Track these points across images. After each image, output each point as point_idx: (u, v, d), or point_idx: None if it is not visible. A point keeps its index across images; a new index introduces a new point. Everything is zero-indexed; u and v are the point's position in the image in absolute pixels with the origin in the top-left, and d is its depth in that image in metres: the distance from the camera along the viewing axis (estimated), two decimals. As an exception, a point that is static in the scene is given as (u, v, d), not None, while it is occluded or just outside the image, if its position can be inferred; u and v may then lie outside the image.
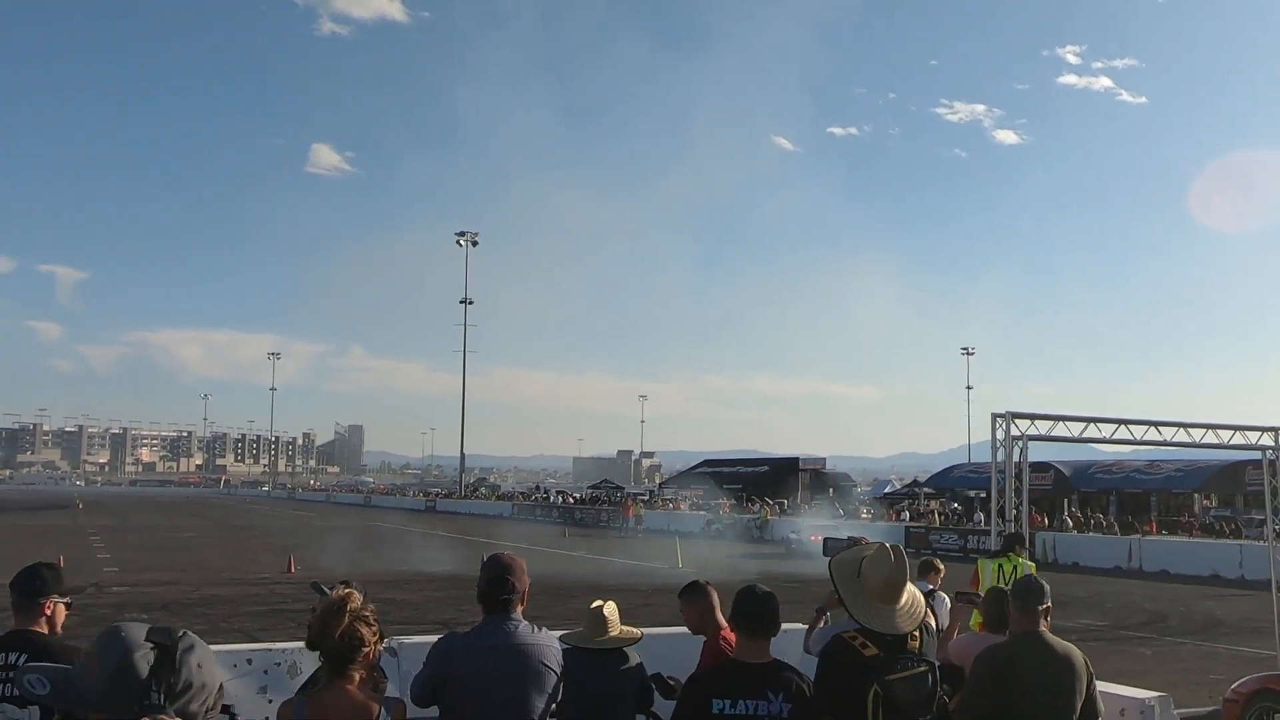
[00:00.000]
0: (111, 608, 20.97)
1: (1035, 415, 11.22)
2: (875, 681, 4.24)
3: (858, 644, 4.36)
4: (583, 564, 33.53)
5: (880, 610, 4.42)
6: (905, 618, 4.42)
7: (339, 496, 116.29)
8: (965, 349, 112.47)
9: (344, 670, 3.82)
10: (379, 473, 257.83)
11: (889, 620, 4.39)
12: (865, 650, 4.33)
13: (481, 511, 79.86)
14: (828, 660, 4.44)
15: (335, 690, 3.81)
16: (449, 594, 24.93)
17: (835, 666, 4.38)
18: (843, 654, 4.38)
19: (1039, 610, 4.97)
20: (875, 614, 4.42)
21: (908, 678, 4.31)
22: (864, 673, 4.27)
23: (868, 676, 4.26)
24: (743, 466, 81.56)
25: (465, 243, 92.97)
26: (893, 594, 4.44)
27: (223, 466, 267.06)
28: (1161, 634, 19.75)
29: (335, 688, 3.82)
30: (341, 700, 3.79)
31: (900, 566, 4.50)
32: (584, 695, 5.28)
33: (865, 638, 4.37)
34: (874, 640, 4.35)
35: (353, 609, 3.87)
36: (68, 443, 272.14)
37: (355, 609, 3.88)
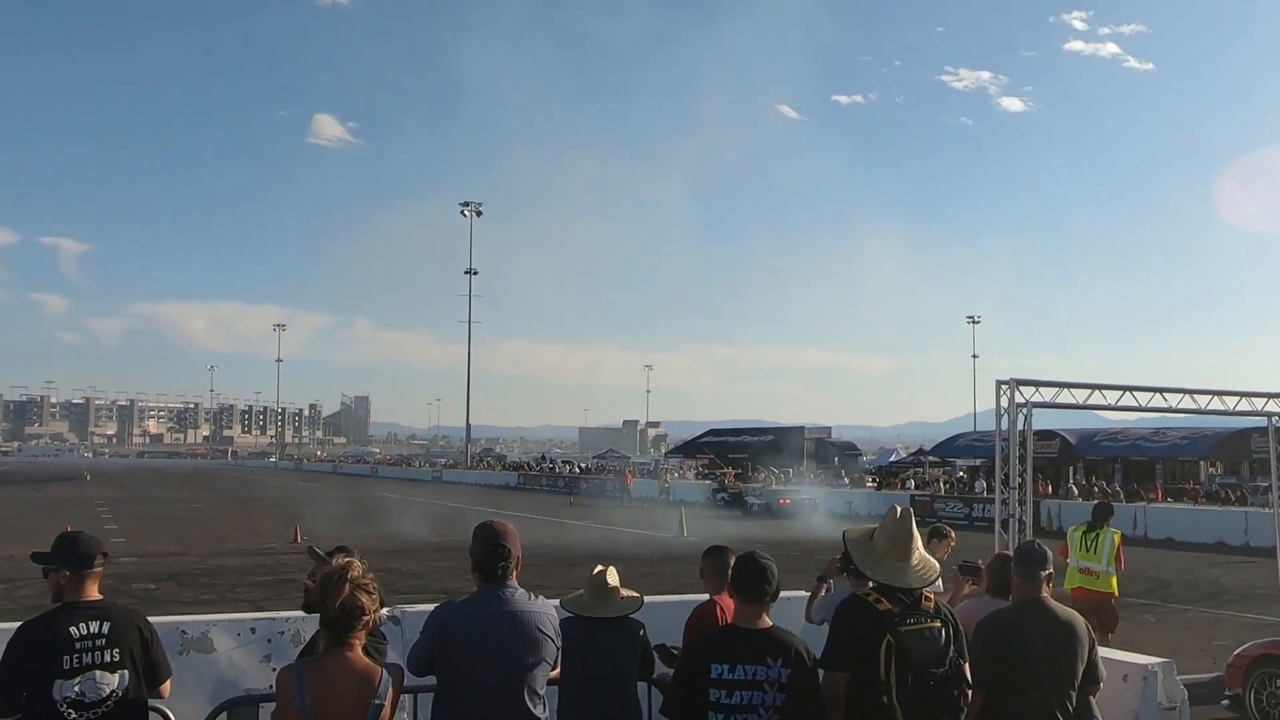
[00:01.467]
0: (119, 578, 21.05)
1: (1040, 382, 11.15)
2: (888, 631, 4.30)
3: (872, 599, 4.44)
4: (587, 533, 33.61)
5: (892, 566, 4.50)
6: (916, 575, 4.49)
7: (345, 467, 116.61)
8: (971, 317, 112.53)
9: (344, 638, 3.83)
10: (385, 443, 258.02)
11: (901, 575, 4.47)
12: (879, 605, 4.40)
13: (488, 481, 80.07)
14: (843, 614, 4.50)
15: (336, 657, 3.82)
16: (455, 564, 24.98)
17: (850, 619, 4.44)
18: (858, 608, 4.45)
19: (1041, 576, 4.97)
20: (887, 569, 4.50)
21: (920, 630, 4.37)
22: (877, 624, 4.33)
23: (880, 627, 4.32)
24: (748, 436, 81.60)
25: (470, 213, 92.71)
26: (901, 550, 4.52)
27: (230, 438, 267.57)
28: (1166, 601, 19.75)
29: (335, 655, 3.82)
30: (343, 666, 3.80)
31: (906, 524, 4.58)
32: (586, 663, 5.27)
33: (879, 594, 4.45)
34: (889, 597, 4.42)
35: (353, 577, 3.87)
36: (75, 415, 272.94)
37: (355, 577, 3.87)
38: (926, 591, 4.52)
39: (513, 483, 77.04)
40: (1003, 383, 11.03)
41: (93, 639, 4.42)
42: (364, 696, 3.77)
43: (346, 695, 3.76)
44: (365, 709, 3.75)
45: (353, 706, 3.76)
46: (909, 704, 4.27)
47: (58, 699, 4.35)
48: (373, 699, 3.77)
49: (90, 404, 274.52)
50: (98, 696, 4.40)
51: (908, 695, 4.27)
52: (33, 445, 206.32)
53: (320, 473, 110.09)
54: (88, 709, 4.39)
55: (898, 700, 4.26)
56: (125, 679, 4.48)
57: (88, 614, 4.48)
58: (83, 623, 4.44)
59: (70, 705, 4.36)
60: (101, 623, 4.46)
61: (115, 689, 4.46)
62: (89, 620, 4.46)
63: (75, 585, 4.55)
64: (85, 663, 4.41)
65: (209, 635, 7.73)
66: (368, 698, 3.77)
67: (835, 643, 4.44)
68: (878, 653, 4.28)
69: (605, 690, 5.28)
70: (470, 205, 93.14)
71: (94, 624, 4.45)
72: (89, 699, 4.38)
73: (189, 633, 7.73)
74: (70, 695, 4.35)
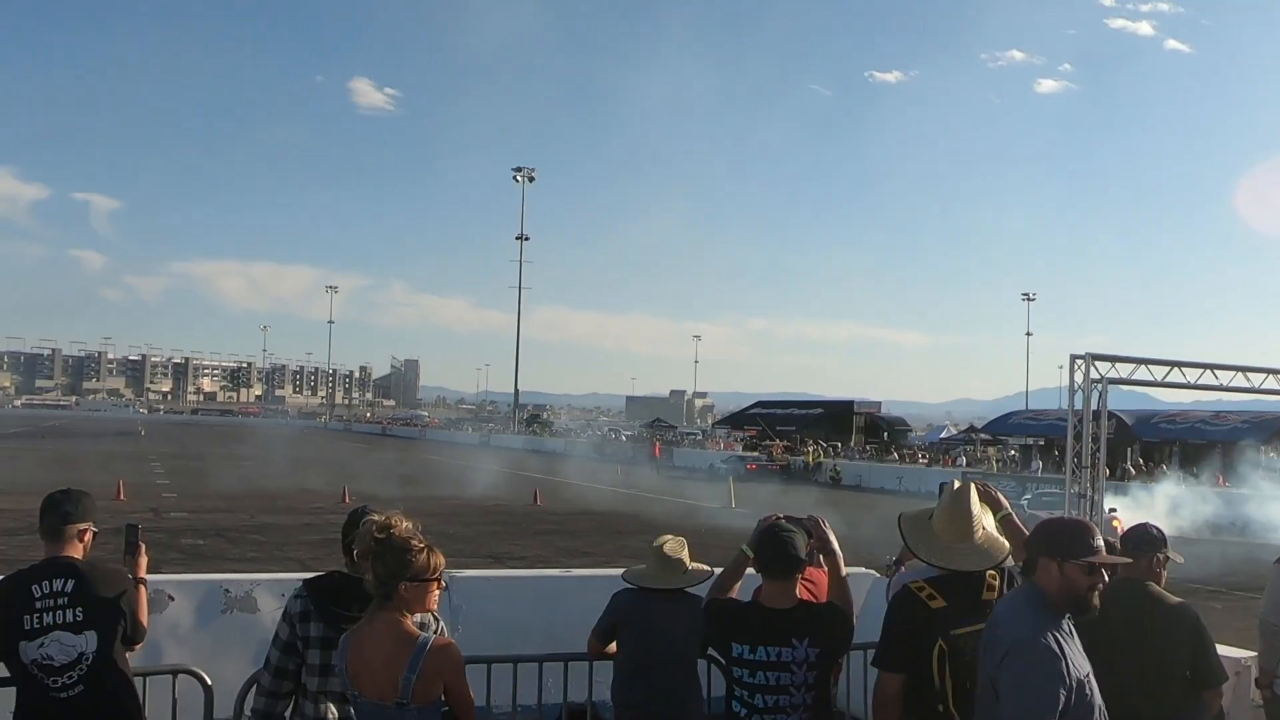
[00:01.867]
0: (168, 533, 21.19)
1: (1116, 358, 10.66)
2: (940, 636, 3.81)
3: (924, 595, 3.92)
4: (635, 502, 33.45)
5: (950, 549, 3.99)
6: (979, 556, 3.96)
7: (394, 430, 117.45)
8: (1026, 294, 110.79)
9: (385, 601, 3.51)
10: (434, 407, 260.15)
11: (960, 558, 3.96)
12: (932, 602, 3.89)
13: (535, 447, 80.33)
14: (892, 613, 4.02)
15: (375, 622, 3.52)
16: (503, 527, 24.98)
17: (899, 620, 3.95)
18: (908, 606, 3.95)
19: (1150, 560, 4.53)
20: (943, 552, 3.99)
21: (977, 632, 3.78)
22: (928, 626, 3.84)
23: (932, 631, 3.83)
24: (796, 409, 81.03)
25: (522, 178, 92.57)
26: (960, 530, 4.00)
27: (281, 397, 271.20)
28: (1231, 588, 19.21)
29: (375, 619, 3.52)
30: (379, 632, 3.48)
31: (963, 500, 4.06)
32: (648, 637, 5.01)
33: (933, 588, 3.93)
34: (943, 590, 3.91)
35: (398, 533, 3.56)
36: (132, 371, 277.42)
37: (399, 534, 3.56)
38: (990, 577, 3.97)
39: (560, 449, 77.18)
40: (1077, 358, 10.53)
41: (54, 597, 4.11)
42: (394, 667, 3.41)
43: (378, 664, 3.44)
44: (395, 681, 3.40)
45: (383, 676, 3.42)
46: (970, 711, 3.75)
47: (26, 662, 4.07)
48: (402, 671, 3.40)
49: (146, 361, 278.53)
50: (67, 659, 4.08)
51: (968, 702, 3.76)
52: (90, 400, 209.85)
53: (369, 434, 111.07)
54: (59, 672, 4.08)
55: (955, 708, 3.78)
56: (93, 640, 4.13)
57: (54, 571, 4.17)
58: (46, 580, 4.14)
59: (40, 669, 4.07)
60: (66, 580, 4.14)
61: (86, 651, 4.12)
62: (54, 577, 4.15)
63: (49, 544, 4.26)
64: (46, 623, 4.08)
65: (253, 595, 7.56)
66: (397, 670, 3.40)
67: (886, 642, 3.97)
68: (929, 657, 3.81)
69: (663, 666, 5.00)
70: (522, 171, 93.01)
71: (58, 581, 4.14)
72: (57, 662, 4.07)
73: (233, 591, 7.57)
74: (36, 658, 4.06)
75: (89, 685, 4.10)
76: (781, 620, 4.10)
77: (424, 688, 3.41)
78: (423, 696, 3.42)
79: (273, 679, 4.00)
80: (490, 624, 7.50)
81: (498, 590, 8.50)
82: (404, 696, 3.39)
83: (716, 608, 4.39)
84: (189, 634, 7.23)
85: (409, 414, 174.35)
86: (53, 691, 4.05)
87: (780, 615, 4.12)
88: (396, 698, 3.40)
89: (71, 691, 4.07)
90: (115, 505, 23.63)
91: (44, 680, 4.05)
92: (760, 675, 4.06)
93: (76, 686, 4.08)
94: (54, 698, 4.06)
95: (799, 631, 4.08)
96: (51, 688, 4.05)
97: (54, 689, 4.05)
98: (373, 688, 3.45)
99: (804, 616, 4.15)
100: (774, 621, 4.10)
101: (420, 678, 3.39)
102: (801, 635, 4.07)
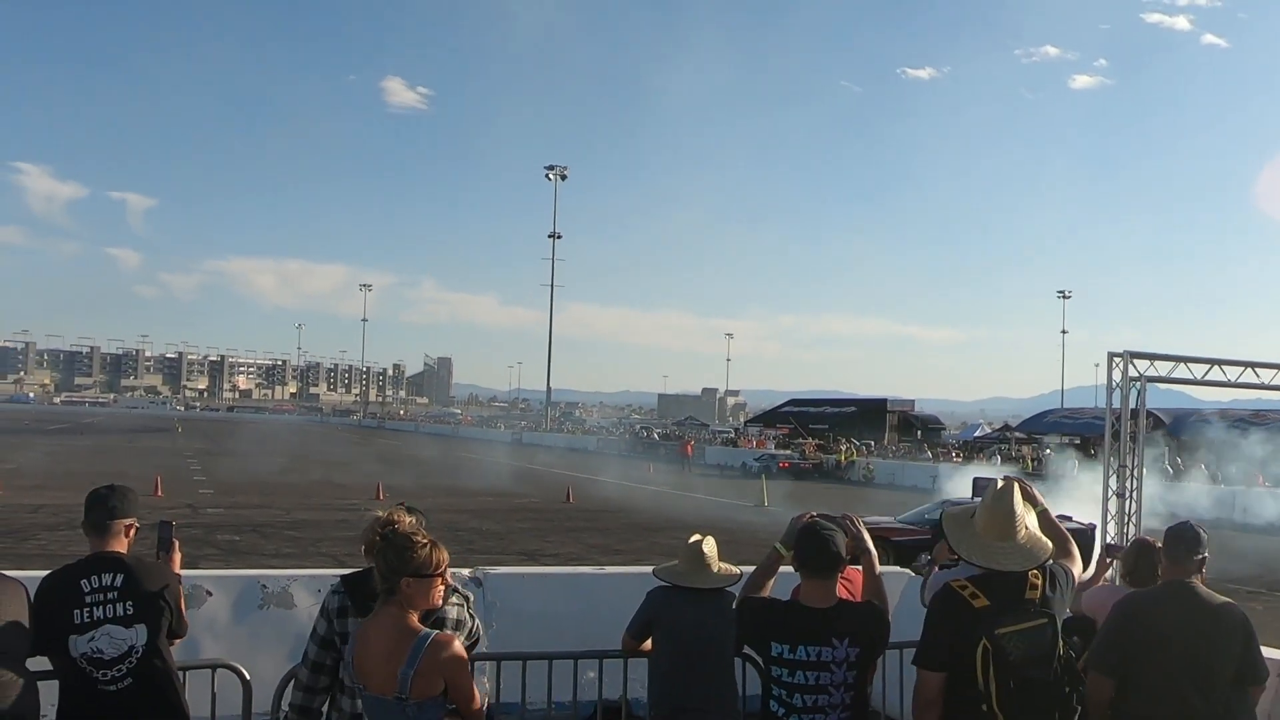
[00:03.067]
0: (205, 528, 21.39)
1: (1156, 355, 10.51)
2: (984, 635, 3.76)
3: (967, 594, 3.87)
4: (667, 500, 33.42)
5: (991, 547, 3.94)
6: (1021, 556, 3.92)
7: (427, 427, 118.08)
8: (1062, 292, 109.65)
9: (388, 596, 3.56)
10: (467, 405, 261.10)
11: (1001, 557, 3.91)
12: (975, 601, 3.84)
13: (567, 445, 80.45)
14: (933, 612, 3.98)
15: (379, 616, 3.57)
16: (534, 524, 25.02)
17: (941, 618, 3.91)
18: (950, 604, 3.90)
19: (1194, 560, 4.46)
20: (985, 551, 3.94)
21: (1021, 631, 3.79)
22: (972, 625, 3.79)
23: (976, 630, 3.78)
24: (829, 407, 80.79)
25: (555, 176, 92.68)
26: (1002, 529, 3.95)
27: (315, 395, 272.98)
28: (1271, 589, 18.97)
29: (380, 613, 3.58)
30: (382, 626, 3.53)
31: (1006, 499, 4.00)
32: (685, 635, 4.99)
33: (976, 586, 3.89)
34: (985, 589, 3.87)
35: (394, 529, 3.62)
36: (169, 369, 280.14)
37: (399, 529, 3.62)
38: (1033, 576, 3.93)
39: (591, 446, 77.26)
40: (1115, 355, 10.41)
41: (104, 591, 4.14)
42: (394, 662, 3.44)
43: (380, 658, 3.48)
44: (395, 675, 3.43)
45: (384, 670, 3.46)
46: (1014, 712, 3.75)
47: (75, 656, 4.09)
48: (399, 666, 3.43)
49: (183, 359, 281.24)
50: (117, 653, 4.12)
51: (1012, 702, 3.75)
52: (128, 397, 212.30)
53: (403, 431, 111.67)
54: (109, 665, 4.11)
55: (999, 708, 3.74)
56: (143, 634, 4.18)
57: (103, 566, 4.21)
58: (96, 575, 4.17)
59: (89, 663, 4.09)
60: (115, 575, 4.18)
61: (135, 644, 4.16)
62: (103, 572, 4.18)
63: (95, 539, 4.30)
64: (97, 617, 4.12)
65: (289, 590, 7.60)
66: (396, 665, 3.43)
67: (927, 640, 3.93)
68: (973, 657, 3.76)
69: (699, 664, 4.98)
70: (555, 169, 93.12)
71: (107, 576, 4.17)
72: (108, 655, 4.10)
73: (269, 587, 7.61)
74: (86, 651, 4.09)
75: (137, 678, 4.14)
76: (822, 619, 4.06)
77: (422, 683, 3.44)
78: (421, 692, 3.44)
79: (310, 674, 4.03)
80: (525, 620, 7.52)
81: (532, 587, 8.51)
82: (402, 691, 3.43)
83: (755, 605, 4.32)
84: (226, 629, 7.28)
85: (442, 412, 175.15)
86: (101, 684, 4.09)
87: (820, 614, 4.07)
88: (396, 692, 3.44)
89: (120, 684, 4.11)
90: (153, 501, 23.89)
91: (93, 674, 4.08)
92: (800, 675, 4.02)
93: (125, 679, 4.12)
94: (102, 690, 4.09)
95: (839, 630, 4.04)
96: (100, 680, 4.09)
97: (103, 681, 4.09)
98: (375, 681, 3.49)
99: (844, 615, 4.11)
100: (814, 620, 4.06)
101: (418, 673, 3.43)
102: (842, 634, 4.03)
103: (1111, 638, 4.38)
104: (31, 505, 24.02)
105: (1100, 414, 12.29)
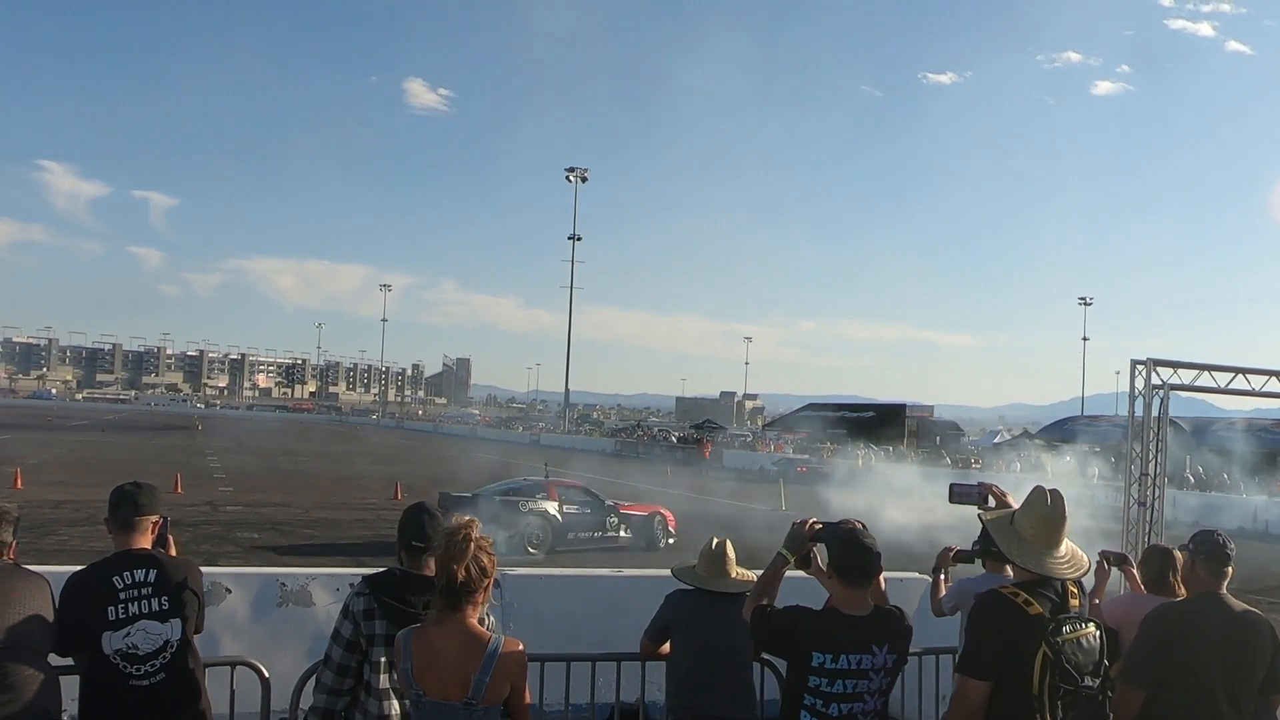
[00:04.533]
0: (224, 525, 21.49)
1: (1179, 363, 10.42)
2: (1043, 641, 3.74)
3: (1020, 600, 3.84)
4: (684, 503, 33.36)
5: (1042, 555, 3.93)
6: (1069, 565, 3.93)
7: (445, 428, 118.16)
8: (1083, 299, 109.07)
9: (459, 604, 3.53)
10: (485, 406, 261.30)
11: (1053, 565, 3.91)
12: (1029, 608, 3.81)
13: (585, 447, 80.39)
14: (986, 619, 3.91)
15: (444, 624, 3.53)
16: (551, 527, 24.98)
17: (996, 626, 3.85)
18: (1004, 611, 3.85)
19: (1224, 571, 4.44)
20: (1038, 558, 3.92)
21: (1078, 638, 3.81)
22: (1030, 633, 3.77)
23: (1034, 637, 3.76)
24: (848, 411, 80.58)
25: (575, 179, 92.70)
26: (1051, 537, 3.95)
27: (335, 394, 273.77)
28: (1293, 600, 18.80)
29: (445, 621, 3.53)
30: (450, 634, 3.50)
31: (1059, 507, 3.99)
32: (705, 638, 4.97)
33: (1028, 594, 3.86)
34: (1037, 596, 3.85)
35: (477, 537, 3.57)
36: (190, 367, 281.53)
37: (479, 537, 3.57)
38: (1071, 585, 3.94)
39: (610, 449, 77.20)
40: (1138, 363, 10.33)
41: (138, 587, 4.16)
42: (466, 668, 3.44)
43: (447, 663, 3.46)
44: (467, 681, 3.43)
45: (454, 677, 3.45)
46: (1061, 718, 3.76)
47: (109, 652, 4.10)
48: (475, 671, 3.44)
49: (204, 357, 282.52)
50: (152, 648, 4.14)
51: (1061, 708, 3.75)
52: (149, 395, 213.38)
53: (421, 431, 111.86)
54: (143, 661, 4.13)
55: (1051, 715, 3.73)
56: (178, 628, 4.21)
57: (134, 562, 4.23)
58: (128, 571, 4.19)
59: (124, 658, 4.10)
60: (148, 570, 4.20)
61: (171, 639, 4.19)
62: (134, 568, 4.20)
63: (121, 536, 4.31)
64: (132, 612, 4.13)
65: (308, 589, 7.63)
66: (469, 669, 3.44)
67: (979, 649, 3.86)
68: (1031, 665, 3.73)
69: (719, 669, 4.97)
70: (576, 171, 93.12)
71: (140, 572, 4.19)
72: (143, 650, 4.12)
73: (288, 585, 7.64)
74: (121, 647, 4.10)
75: (170, 673, 4.17)
76: (862, 627, 4.02)
77: (495, 688, 3.46)
78: (494, 697, 3.47)
79: (336, 676, 4.00)
80: (542, 622, 7.52)
81: (550, 589, 8.52)
82: (475, 696, 3.43)
83: (785, 616, 4.17)
84: (245, 626, 7.31)
85: (460, 413, 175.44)
86: (134, 680, 4.10)
87: (861, 621, 4.03)
88: (466, 697, 3.43)
89: (153, 679, 4.13)
90: (173, 498, 24.01)
91: (126, 669, 4.10)
92: (840, 684, 3.97)
93: (159, 674, 4.14)
94: (135, 686, 4.10)
95: (879, 638, 4.01)
96: (134, 676, 4.10)
97: (136, 677, 4.11)
98: (439, 687, 3.47)
99: (882, 622, 4.07)
100: (855, 628, 4.01)
101: (493, 679, 3.44)
102: (881, 641, 4.01)
103: (1146, 650, 4.35)
104: (53, 501, 24.15)
105: (1120, 421, 12.20)
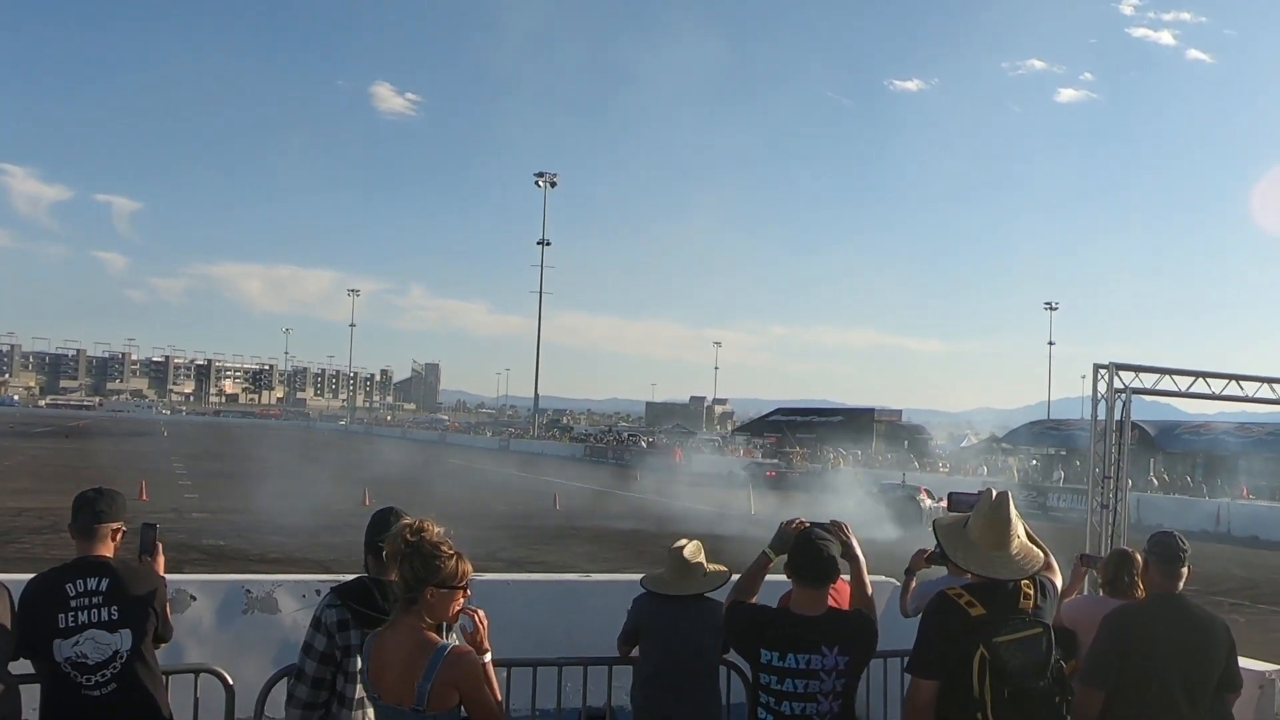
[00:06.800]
0: (190, 532, 21.31)
1: (1141, 368, 10.53)
2: (981, 643, 3.78)
3: (963, 602, 3.89)
4: (654, 508, 33.40)
5: (989, 556, 3.98)
6: (1016, 565, 3.97)
7: (414, 433, 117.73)
8: (1049, 304, 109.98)
9: (405, 607, 3.50)
10: (454, 411, 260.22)
11: (999, 565, 3.95)
12: (971, 609, 3.86)
13: (555, 452, 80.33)
14: (929, 620, 3.99)
15: (396, 627, 3.51)
16: (518, 532, 24.98)
17: (937, 627, 3.93)
18: (946, 612, 3.91)
19: (1180, 572, 4.51)
20: (983, 560, 3.97)
21: (1019, 640, 3.82)
22: (969, 634, 3.81)
23: (973, 638, 3.80)
24: (816, 416, 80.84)
25: (544, 184, 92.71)
26: (998, 538, 3.99)
27: (303, 400, 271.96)
28: (1255, 601, 19.07)
29: (397, 624, 3.51)
30: (399, 638, 3.47)
31: (1003, 508, 4.05)
32: (669, 641, 4.99)
33: (972, 595, 3.91)
34: (981, 598, 3.90)
35: (417, 540, 3.53)
36: (155, 372, 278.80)
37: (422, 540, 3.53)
38: (1025, 586, 3.98)
39: (579, 454, 77.19)
40: (1101, 367, 10.44)
41: (89, 595, 4.11)
42: (411, 673, 3.38)
43: (397, 669, 3.42)
44: (412, 686, 3.38)
45: (401, 681, 3.41)
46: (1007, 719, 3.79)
47: (59, 660, 4.05)
48: (418, 678, 3.37)
49: (170, 362, 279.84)
50: (101, 657, 4.09)
51: (1006, 711, 3.78)
52: (114, 401, 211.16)
53: (390, 437, 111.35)
54: (93, 671, 4.07)
55: (994, 717, 3.78)
56: (128, 639, 4.14)
57: (88, 570, 4.18)
58: (81, 579, 4.14)
59: (74, 667, 4.06)
60: (101, 579, 4.14)
61: (120, 649, 4.12)
62: (88, 576, 4.15)
63: (82, 543, 4.27)
64: (81, 621, 4.08)
65: (274, 595, 7.58)
66: (413, 676, 3.38)
67: (924, 649, 3.94)
68: (970, 665, 3.78)
69: (683, 672, 4.99)
70: (545, 176, 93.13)
71: (92, 580, 4.14)
72: (92, 660, 4.07)
73: (254, 592, 7.58)
74: (71, 655, 4.05)
75: (121, 683, 4.11)
76: (812, 627, 4.05)
77: (439, 695, 3.38)
78: (438, 704, 3.39)
79: (311, 690, 3.92)
80: (510, 628, 7.45)
81: (517, 594, 8.50)
82: (419, 703, 3.37)
83: (745, 612, 4.29)
84: (210, 633, 7.26)
85: (429, 418, 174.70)
86: (85, 690, 4.05)
87: (810, 622, 4.06)
88: (413, 704, 3.38)
89: (104, 690, 4.08)
90: (138, 505, 23.77)
91: (77, 678, 4.05)
92: (789, 683, 4.01)
93: (109, 685, 4.08)
94: (86, 696, 4.05)
95: (829, 639, 4.03)
96: (84, 686, 4.05)
97: (86, 687, 4.06)
98: (391, 692, 3.44)
99: (834, 624, 4.10)
100: (804, 628, 4.05)
101: (435, 685, 3.36)
102: (831, 643, 4.03)
103: (1106, 651, 4.40)
104: (15, 508, 23.88)
105: (1085, 425, 12.33)
